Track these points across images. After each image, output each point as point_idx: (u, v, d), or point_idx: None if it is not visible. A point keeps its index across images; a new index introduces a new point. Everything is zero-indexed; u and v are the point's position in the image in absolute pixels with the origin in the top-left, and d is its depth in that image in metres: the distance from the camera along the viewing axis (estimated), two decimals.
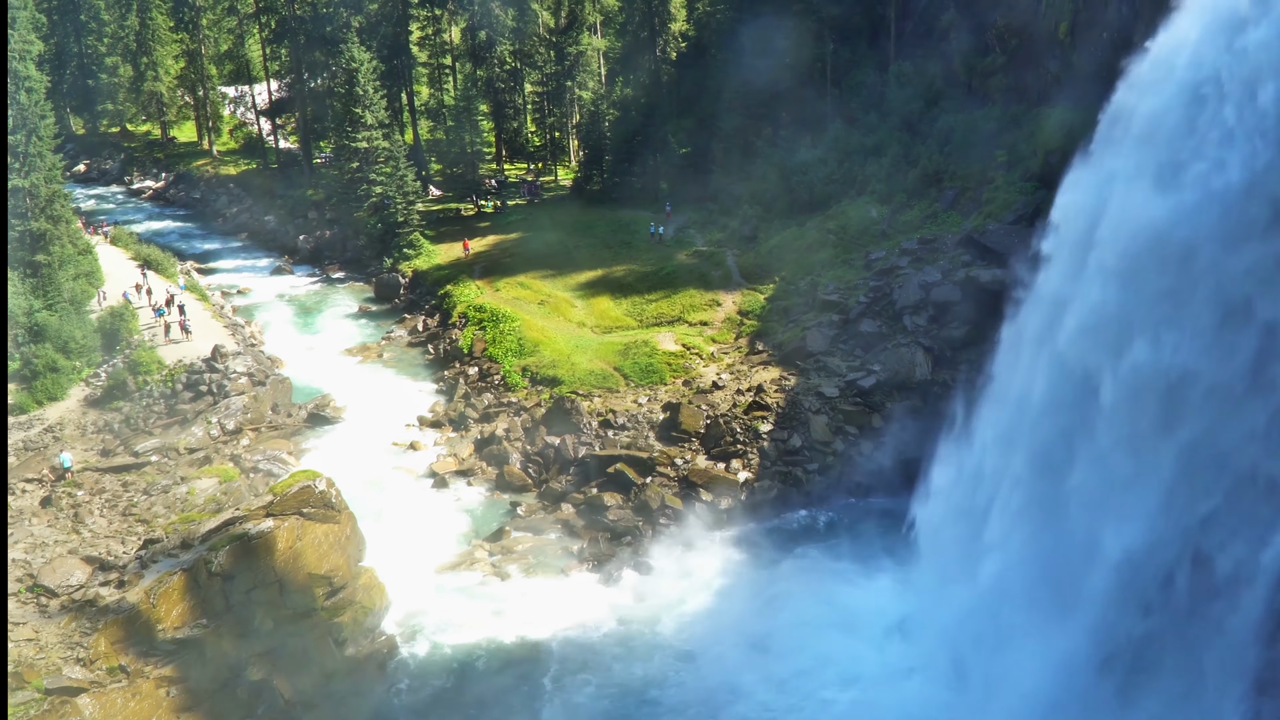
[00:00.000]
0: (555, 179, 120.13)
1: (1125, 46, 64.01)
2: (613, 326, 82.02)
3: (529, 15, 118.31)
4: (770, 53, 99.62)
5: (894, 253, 77.58)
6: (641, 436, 68.45)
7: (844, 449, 65.81)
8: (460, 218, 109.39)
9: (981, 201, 78.79)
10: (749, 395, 69.81)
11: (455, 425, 74.34)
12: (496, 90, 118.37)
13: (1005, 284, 66.52)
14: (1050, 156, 74.48)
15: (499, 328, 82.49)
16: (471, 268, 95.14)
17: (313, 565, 51.57)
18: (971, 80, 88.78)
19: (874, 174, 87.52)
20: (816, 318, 75.25)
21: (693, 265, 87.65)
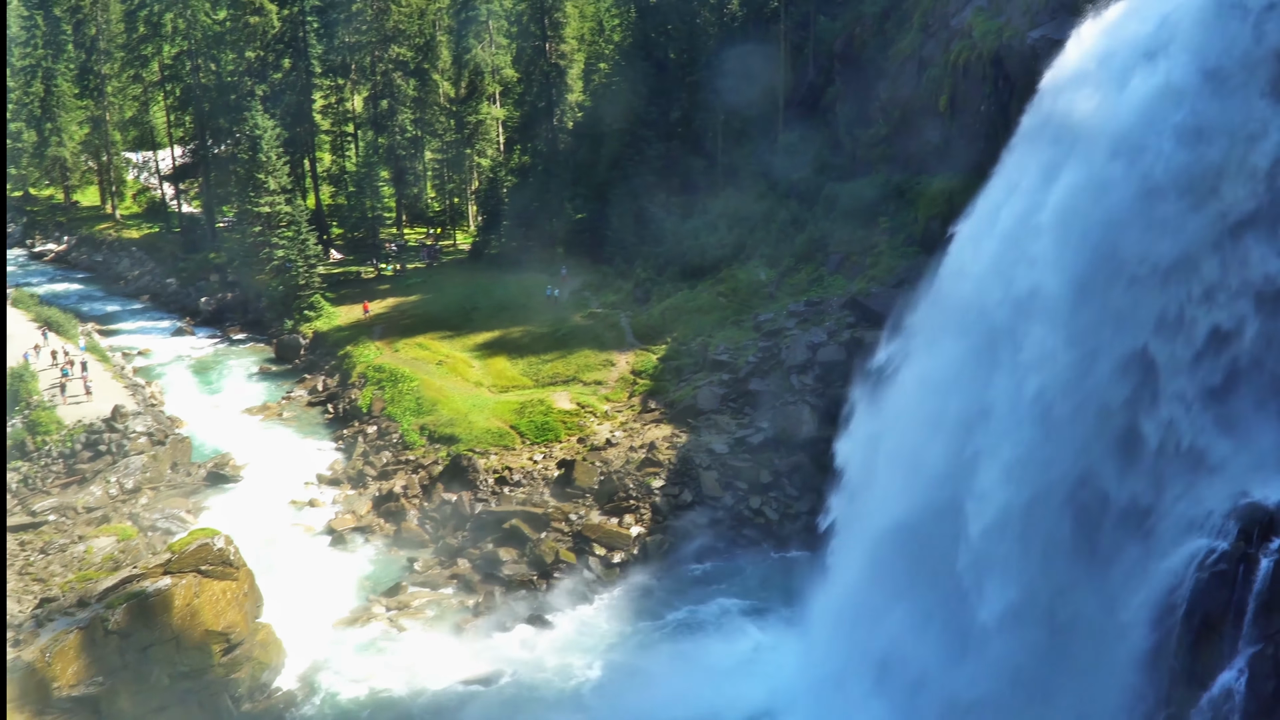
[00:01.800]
0: (454, 243, 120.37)
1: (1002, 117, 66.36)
2: (509, 386, 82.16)
3: (430, 85, 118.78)
4: (663, 123, 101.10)
5: (782, 315, 78.81)
6: (537, 493, 68.61)
7: (733, 503, 66.51)
8: (361, 280, 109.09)
9: (865, 266, 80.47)
10: (642, 452, 70.32)
11: (354, 483, 73.93)
12: (398, 157, 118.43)
13: None
14: (931, 222, 76.54)
15: (398, 387, 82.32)
16: (371, 329, 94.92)
17: (210, 622, 51.08)
18: (856, 150, 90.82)
19: (763, 239, 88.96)
20: (707, 377, 76.14)
21: (588, 326, 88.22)
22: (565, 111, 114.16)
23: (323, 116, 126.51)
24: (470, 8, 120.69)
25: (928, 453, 51.32)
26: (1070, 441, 47.75)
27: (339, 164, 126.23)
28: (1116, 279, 44.88)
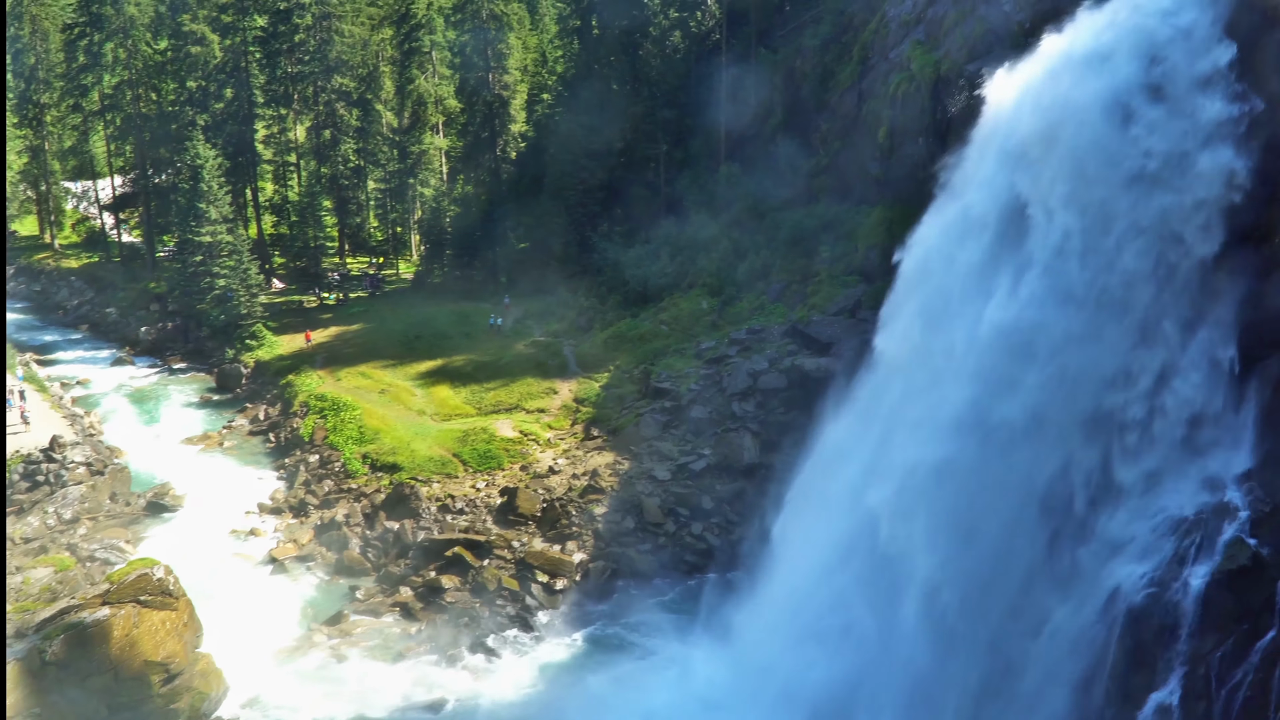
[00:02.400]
0: (397, 272, 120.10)
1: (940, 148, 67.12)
2: (452, 414, 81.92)
3: (373, 115, 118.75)
4: (606, 153, 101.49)
5: (724, 343, 79.17)
6: (479, 520, 68.36)
7: (675, 529, 66.60)
8: (303, 309, 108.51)
9: (807, 294, 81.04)
10: (584, 479, 70.33)
11: (295, 512, 73.33)
12: (340, 187, 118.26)
13: (829, 372, 69.10)
14: (870, 251, 77.33)
15: (340, 416, 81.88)
16: (313, 358, 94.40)
17: (149, 652, 50.43)
18: (797, 180, 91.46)
19: (705, 268, 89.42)
20: (649, 405, 76.31)
21: (531, 355, 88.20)
22: (508, 142, 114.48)
23: (265, 146, 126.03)
24: (413, 39, 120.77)
25: None
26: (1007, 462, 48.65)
27: (281, 193, 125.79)
28: None
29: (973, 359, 49.16)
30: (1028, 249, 48.14)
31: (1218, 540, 44.12)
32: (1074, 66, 48.38)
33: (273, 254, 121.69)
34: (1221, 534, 44.10)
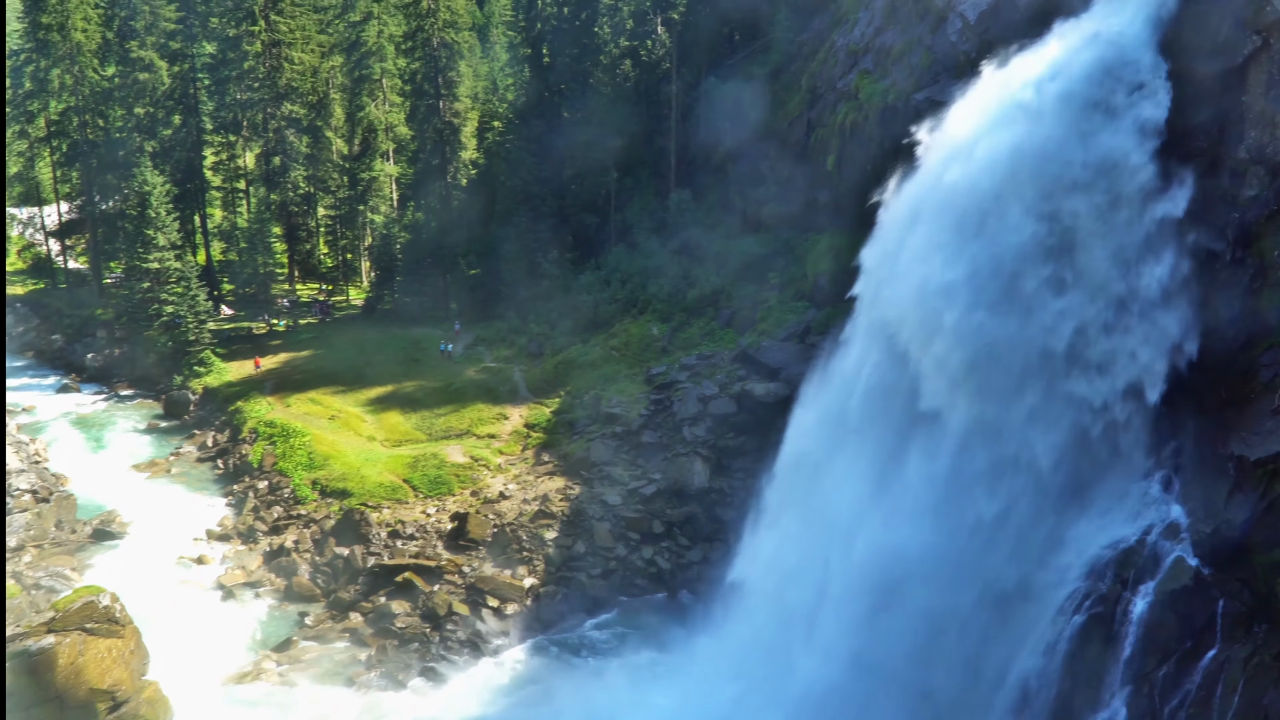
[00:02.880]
0: (347, 298, 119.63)
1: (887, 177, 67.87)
2: (402, 440, 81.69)
3: (323, 142, 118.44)
4: (557, 180, 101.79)
5: (674, 368, 79.44)
6: (430, 546, 68.16)
7: (626, 554, 66.71)
8: (253, 336, 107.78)
9: (756, 320, 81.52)
10: (535, 504, 70.32)
11: (244, 538, 72.79)
12: (290, 213, 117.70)
13: (779, 396, 69.65)
14: (819, 278, 77.92)
15: (289, 442, 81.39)
16: (263, 384, 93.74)
17: (95, 680, 49.97)
18: (747, 207, 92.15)
19: (655, 294, 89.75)
20: (600, 430, 76.41)
21: (481, 381, 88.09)
22: (459, 169, 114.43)
23: (214, 173, 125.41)
24: (364, 66, 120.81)
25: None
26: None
27: (230, 220, 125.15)
28: None
29: None
30: None
31: (1160, 561, 44.76)
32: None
33: (222, 280, 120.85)
34: (1164, 554, 44.75)
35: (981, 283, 48.42)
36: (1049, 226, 47.78)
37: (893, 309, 52.63)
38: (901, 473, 51.74)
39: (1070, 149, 49.49)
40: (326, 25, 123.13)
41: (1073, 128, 49.76)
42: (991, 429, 49.12)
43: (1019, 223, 48.12)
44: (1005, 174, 49.41)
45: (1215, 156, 50.31)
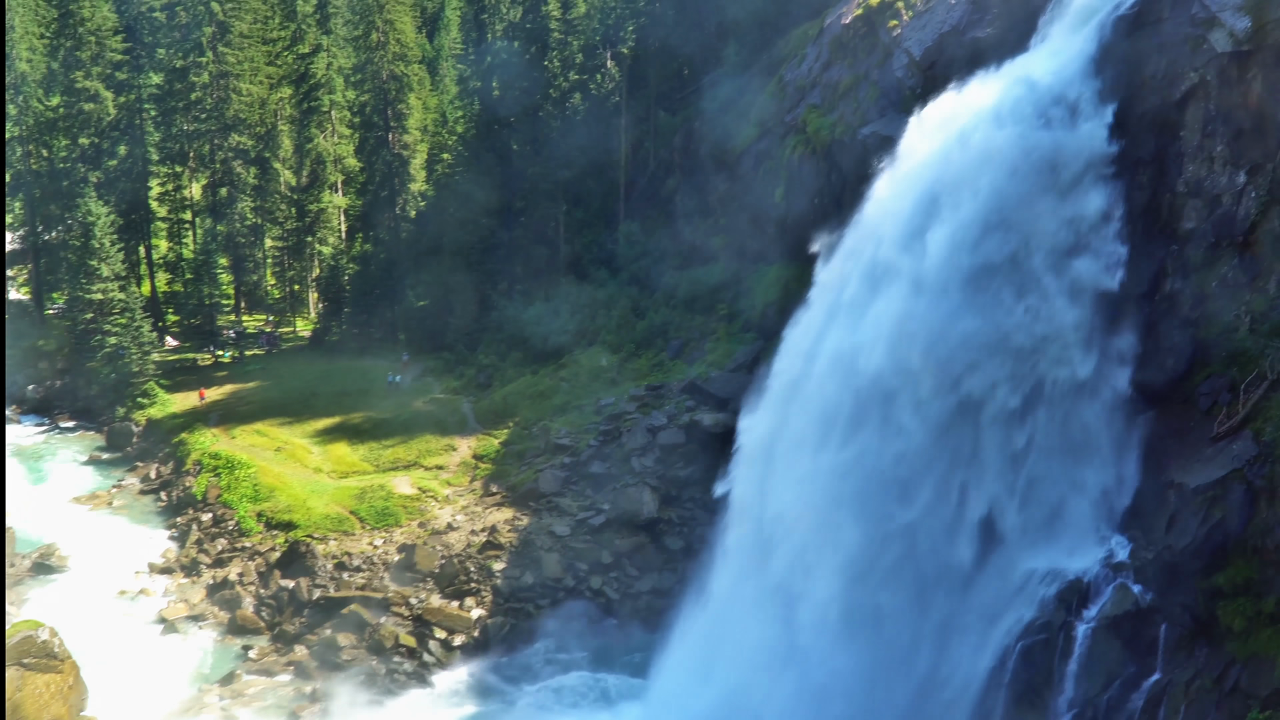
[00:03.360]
0: (294, 330, 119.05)
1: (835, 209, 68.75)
2: (349, 471, 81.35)
3: (271, 174, 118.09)
4: (506, 212, 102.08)
5: (623, 399, 79.69)
6: (376, 578, 67.92)
7: (574, 584, 66.74)
8: (198, 367, 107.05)
9: (705, 351, 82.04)
10: (483, 535, 70.24)
11: (187, 571, 72.26)
12: (237, 244, 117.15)
13: (727, 426, 70.11)
14: (768, 309, 78.56)
15: (234, 474, 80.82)
16: (207, 416, 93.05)
17: (33, 716, 49.48)
18: (696, 239, 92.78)
19: (604, 325, 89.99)
20: (549, 460, 76.47)
21: (429, 412, 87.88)
22: (408, 200, 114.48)
23: (159, 203, 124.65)
24: (313, 98, 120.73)
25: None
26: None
27: (176, 251, 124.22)
28: None
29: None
30: None
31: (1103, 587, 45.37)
32: None
33: (167, 312, 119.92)
34: (1107, 581, 45.37)
35: None
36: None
37: None
38: None
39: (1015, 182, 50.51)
40: (275, 57, 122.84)
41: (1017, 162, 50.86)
42: None
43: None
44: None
45: (1155, 190, 51.38)
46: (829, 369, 53.34)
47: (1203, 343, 48.42)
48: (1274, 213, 46.80)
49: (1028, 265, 49.29)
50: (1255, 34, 47.14)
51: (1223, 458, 44.17)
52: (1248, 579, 41.49)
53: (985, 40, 63.87)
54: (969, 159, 51.42)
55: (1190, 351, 48.90)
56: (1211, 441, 45.46)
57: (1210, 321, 48.31)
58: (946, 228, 50.07)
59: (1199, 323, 48.72)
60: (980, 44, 64.01)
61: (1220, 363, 46.95)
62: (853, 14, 78.50)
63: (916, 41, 70.52)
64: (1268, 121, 47.74)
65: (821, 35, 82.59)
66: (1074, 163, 50.44)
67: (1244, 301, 46.91)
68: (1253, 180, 47.97)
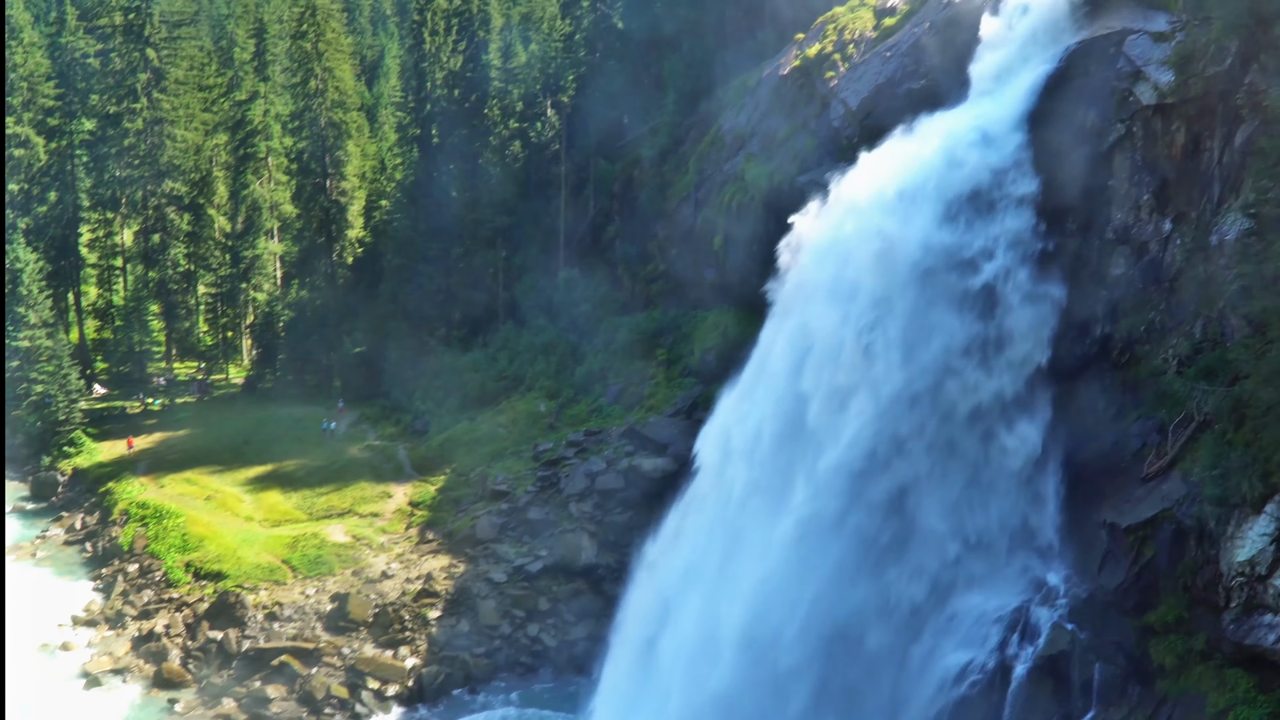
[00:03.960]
0: (227, 377, 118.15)
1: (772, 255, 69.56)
2: (282, 520, 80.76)
3: (205, 220, 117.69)
4: (445, 258, 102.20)
5: (561, 444, 79.83)
6: (308, 628, 67.45)
7: (511, 631, 66.77)
8: (126, 415, 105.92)
9: (644, 396, 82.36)
10: (418, 583, 69.98)
11: (112, 623, 71.37)
12: (169, 291, 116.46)
13: (666, 471, 70.67)
14: (706, 355, 79.20)
15: (162, 524, 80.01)
16: (136, 465, 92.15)
17: None
18: (635, 286, 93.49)
19: (543, 371, 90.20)
20: (486, 507, 76.43)
21: (365, 459, 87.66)
22: (345, 247, 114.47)
23: (90, 250, 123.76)
24: (249, 145, 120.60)
25: None
26: None
27: (106, 298, 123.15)
28: None
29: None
30: None
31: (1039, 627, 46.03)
32: None
33: (95, 359, 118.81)
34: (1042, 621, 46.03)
35: None
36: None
37: None
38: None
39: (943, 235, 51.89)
40: (211, 104, 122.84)
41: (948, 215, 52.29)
42: None
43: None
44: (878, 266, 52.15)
45: (1085, 237, 52.66)
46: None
47: (1132, 385, 49.55)
48: (1199, 259, 48.13)
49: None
50: (1178, 87, 48.74)
51: (1153, 498, 45.14)
52: (1178, 617, 42.35)
53: (919, 92, 65.23)
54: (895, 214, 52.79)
55: (1121, 393, 50.04)
56: (1142, 482, 46.43)
57: (1139, 364, 49.49)
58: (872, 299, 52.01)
59: (1128, 365, 49.90)
60: (915, 94, 65.36)
61: (1149, 405, 48.01)
62: (791, 65, 79.77)
63: (853, 92, 71.78)
64: (1191, 171, 49.31)
65: (760, 86, 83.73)
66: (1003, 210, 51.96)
67: (1171, 345, 48.06)
68: (1178, 228, 49.45)
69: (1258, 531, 40.42)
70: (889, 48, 70.22)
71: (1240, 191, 45.84)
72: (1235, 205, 46.12)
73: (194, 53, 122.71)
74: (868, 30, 74.95)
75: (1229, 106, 47.41)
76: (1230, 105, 47.36)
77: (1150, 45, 50.51)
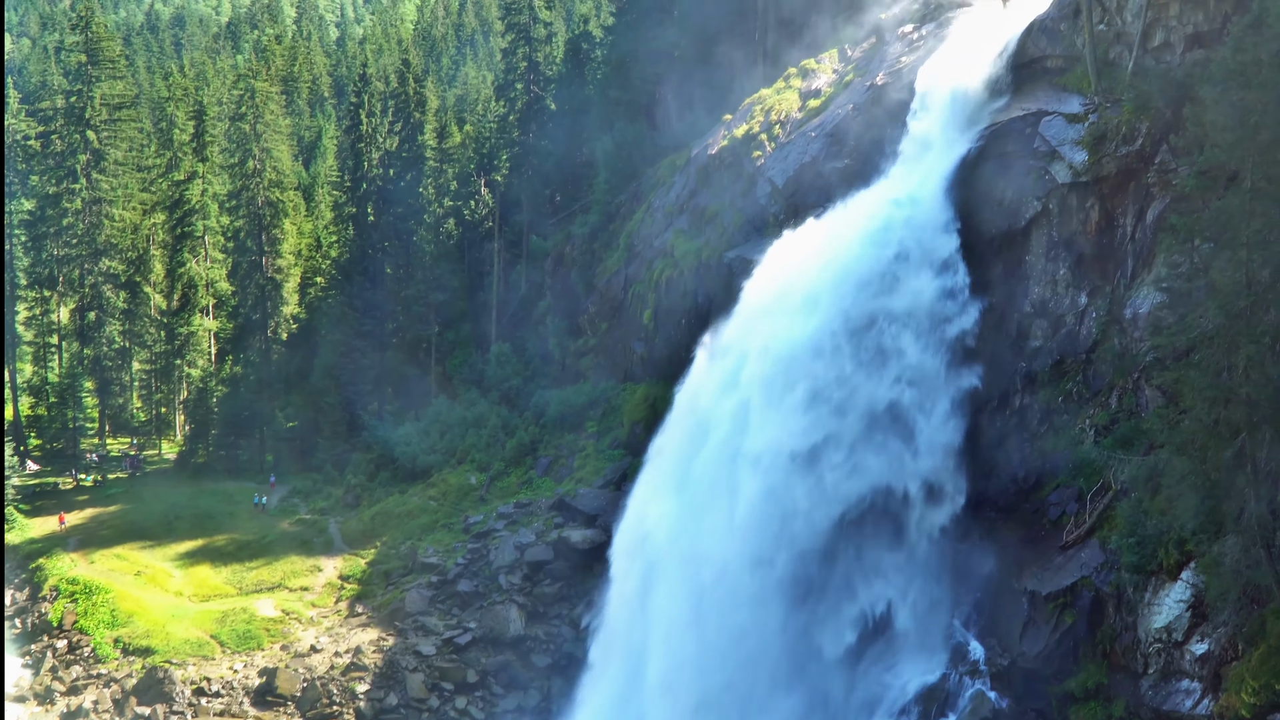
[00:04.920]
0: (160, 452, 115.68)
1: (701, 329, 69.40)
2: (212, 595, 78.62)
3: (141, 298, 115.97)
4: (378, 334, 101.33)
5: (491, 517, 78.62)
6: (236, 703, 65.69)
7: (439, 704, 65.38)
8: (58, 491, 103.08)
9: (573, 468, 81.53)
10: (347, 657, 68.30)
11: (40, 700, 69.10)
12: (104, 368, 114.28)
13: (595, 543, 69.77)
14: (635, 426, 78.55)
15: (91, 600, 77.62)
16: (66, 541, 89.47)
17: None
18: (566, 359, 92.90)
19: (474, 444, 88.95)
20: (416, 580, 74.84)
21: (295, 533, 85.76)
22: (280, 323, 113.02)
23: (26, 327, 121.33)
24: (187, 224, 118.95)
25: None
26: None
27: (41, 374, 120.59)
28: None
29: None
30: None
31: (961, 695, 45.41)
32: None
33: (29, 435, 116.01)
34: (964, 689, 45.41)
35: None
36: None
37: None
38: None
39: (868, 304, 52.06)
40: (150, 184, 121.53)
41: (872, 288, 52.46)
42: None
43: None
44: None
45: (1004, 310, 52.83)
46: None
47: (1050, 455, 49.45)
48: (1113, 332, 48.43)
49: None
50: (1092, 166, 49.32)
51: (1072, 565, 44.90)
52: (1098, 684, 41.93)
53: (843, 170, 65.68)
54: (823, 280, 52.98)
55: (1040, 464, 49.92)
56: (1061, 550, 46.20)
57: (1057, 435, 49.44)
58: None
59: (1046, 436, 49.82)
60: (838, 172, 65.79)
61: (1067, 474, 47.91)
62: (719, 145, 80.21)
63: (779, 171, 72.17)
64: (1106, 247, 49.74)
65: (689, 164, 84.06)
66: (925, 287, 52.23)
67: (1088, 415, 48.12)
68: (1093, 302, 49.78)
69: (1174, 598, 40.23)
70: (814, 128, 70.76)
71: (1153, 266, 46.22)
72: (1148, 279, 46.52)
73: (134, 134, 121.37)
74: (794, 111, 75.48)
75: (1141, 184, 48.03)
76: (1142, 183, 47.98)
77: (1065, 126, 51.17)
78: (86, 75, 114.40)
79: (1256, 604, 37.51)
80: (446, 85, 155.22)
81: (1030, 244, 52.27)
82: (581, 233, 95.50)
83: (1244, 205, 35.52)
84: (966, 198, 53.66)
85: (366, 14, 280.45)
